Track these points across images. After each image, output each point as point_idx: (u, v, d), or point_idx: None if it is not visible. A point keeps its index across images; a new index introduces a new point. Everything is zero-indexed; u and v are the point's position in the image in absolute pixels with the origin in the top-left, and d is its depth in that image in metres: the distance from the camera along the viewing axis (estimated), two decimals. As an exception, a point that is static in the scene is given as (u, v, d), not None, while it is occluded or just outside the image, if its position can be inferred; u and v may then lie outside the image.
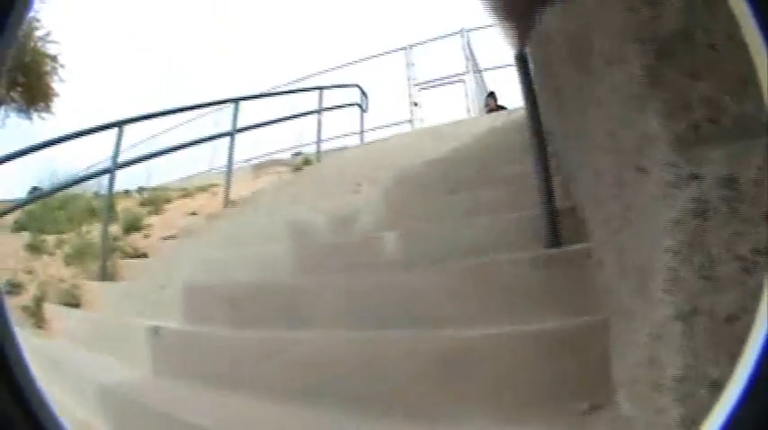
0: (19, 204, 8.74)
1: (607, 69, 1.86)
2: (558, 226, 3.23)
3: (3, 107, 19.50)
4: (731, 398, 0.83)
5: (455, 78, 15.74)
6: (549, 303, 2.80)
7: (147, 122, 8.61)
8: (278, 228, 5.58)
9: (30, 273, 7.96)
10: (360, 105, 13.18)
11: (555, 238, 3.21)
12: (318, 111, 11.57)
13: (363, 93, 13.19)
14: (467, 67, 15.54)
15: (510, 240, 3.46)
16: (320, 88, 11.90)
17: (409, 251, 3.94)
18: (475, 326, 2.83)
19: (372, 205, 5.37)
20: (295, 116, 11.78)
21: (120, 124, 7.28)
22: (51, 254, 8.54)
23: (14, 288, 7.49)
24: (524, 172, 4.52)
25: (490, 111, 13.71)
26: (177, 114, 10.46)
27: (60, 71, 20.54)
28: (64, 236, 8.99)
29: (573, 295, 2.75)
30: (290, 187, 8.77)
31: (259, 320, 3.87)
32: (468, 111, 15.21)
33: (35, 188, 13.63)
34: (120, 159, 7.53)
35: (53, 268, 7.98)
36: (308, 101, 12.72)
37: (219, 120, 13.38)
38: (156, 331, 4.06)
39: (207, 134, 12.26)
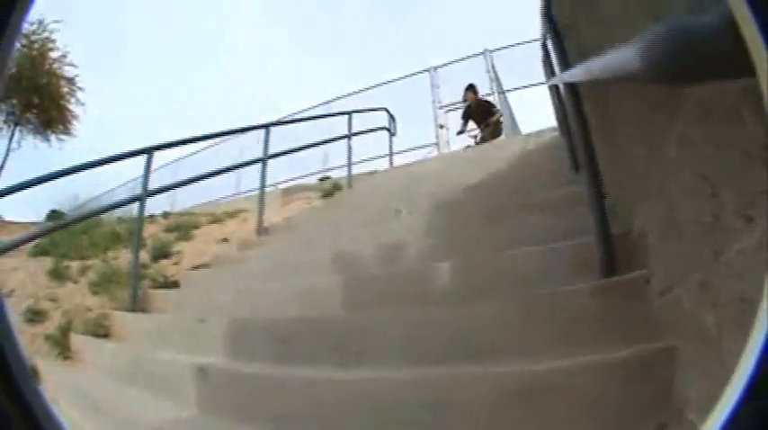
0: (46, 230, 8.66)
1: (706, 116, 1.84)
2: (614, 253, 3.21)
3: (19, 128, 19.68)
4: (731, 399, 0.82)
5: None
6: (611, 332, 2.80)
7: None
8: (320, 258, 5.48)
9: (53, 300, 7.92)
10: (388, 129, 13.13)
11: (611, 266, 3.19)
12: (348, 136, 11.50)
13: (391, 116, 13.13)
14: (491, 88, 15.49)
15: (564, 269, 3.47)
16: (349, 113, 11.84)
17: (462, 282, 3.88)
18: (539, 359, 2.78)
19: (416, 234, 5.31)
20: (325, 142, 11.76)
21: (149, 151, 7.20)
22: (75, 281, 8.49)
23: (36, 316, 7.43)
24: (567, 197, 4.54)
25: (469, 106, 13.73)
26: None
27: (79, 94, 20.68)
28: (88, 262, 8.94)
29: (633, 322, 2.75)
30: (324, 214, 8.73)
31: (311, 358, 3.76)
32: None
33: (54, 211, 13.67)
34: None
35: (78, 296, 7.90)
36: (335, 124, 12.74)
37: (245, 144, 13.44)
38: (203, 370, 3.95)
39: (232, 157, 12.29)
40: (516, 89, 15.16)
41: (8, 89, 18.65)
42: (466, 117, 13.88)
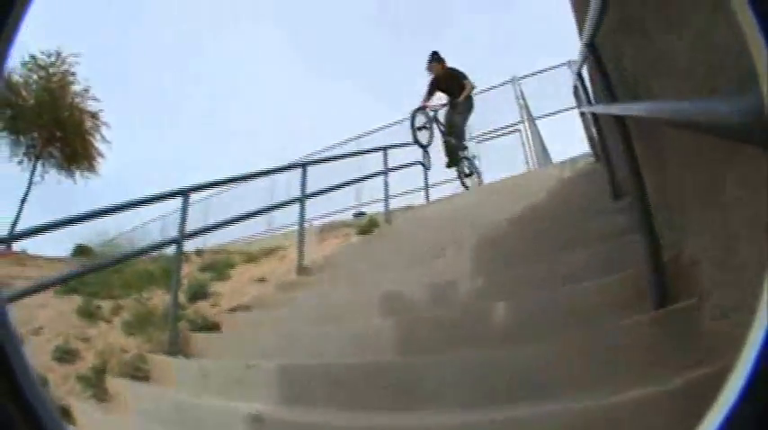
0: (84, 271, 8.61)
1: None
2: (666, 282, 3.25)
3: (41, 162, 19.83)
4: (729, 397, 0.87)
5: (511, 128, 15.70)
6: (669, 360, 2.84)
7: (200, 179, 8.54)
8: (367, 299, 5.51)
9: (84, 340, 7.93)
10: (423, 164, 13.13)
11: (664, 295, 3.22)
12: (384, 173, 11.57)
13: (426, 150, 13.12)
14: (521, 115, 15.53)
15: (618, 302, 3.52)
16: (384, 148, 11.90)
17: (516, 322, 3.92)
18: (600, 395, 2.81)
19: (463, 272, 5.34)
20: (361, 179, 11.83)
21: (185, 192, 7.27)
22: (108, 320, 8.53)
23: (67, 355, 7.45)
24: (610, 227, 4.73)
25: (437, 78, 12.52)
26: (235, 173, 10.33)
27: (103, 130, 20.73)
28: (120, 301, 8.99)
29: (688, 348, 2.80)
30: (365, 252, 8.76)
31: (368, 404, 3.77)
32: (527, 161, 15.11)
33: (81, 246, 13.75)
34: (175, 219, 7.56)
35: (111, 336, 7.93)
36: (368, 158, 12.82)
37: (277, 179, 13.54)
38: (257, 419, 3.95)
39: (264, 191, 12.37)
40: (547, 115, 15.19)
41: (28, 121, 18.95)
42: (432, 89, 12.64)
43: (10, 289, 7.21)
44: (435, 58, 12.51)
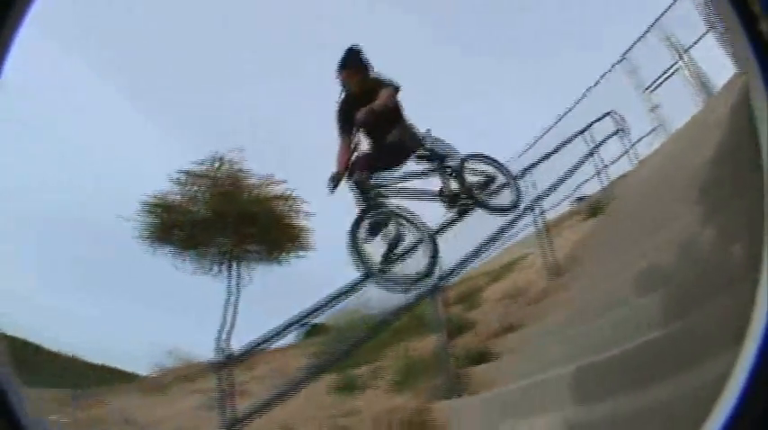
0: (349, 348, 8.94)
1: None
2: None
3: (242, 263, 19.87)
4: (729, 400, 0.94)
5: (673, 68, 15.31)
6: None
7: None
8: (624, 281, 5.84)
9: (351, 414, 8.27)
10: (622, 130, 13.14)
11: None
12: (591, 154, 11.72)
13: (618, 116, 13.25)
14: (673, 56, 15.11)
15: None
16: (581, 132, 11.90)
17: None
18: None
19: (697, 227, 5.64)
20: (573, 169, 11.78)
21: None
22: (370, 387, 8.94)
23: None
24: None
25: (350, 96, 6.12)
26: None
27: (301, 206, 20.35)
28: (378, 363, 9.41)
29: None
30: (602, 235, 9.00)
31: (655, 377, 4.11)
32: (696, 98, 14.66)
33: (316, 326, 13.83)
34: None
35: (379, 400, 8.24)
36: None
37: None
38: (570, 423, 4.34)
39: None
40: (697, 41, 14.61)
41: (209, 233, 18.98)
42: (343, 121, 6.25)
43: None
44: (353, 62, 6.33)
